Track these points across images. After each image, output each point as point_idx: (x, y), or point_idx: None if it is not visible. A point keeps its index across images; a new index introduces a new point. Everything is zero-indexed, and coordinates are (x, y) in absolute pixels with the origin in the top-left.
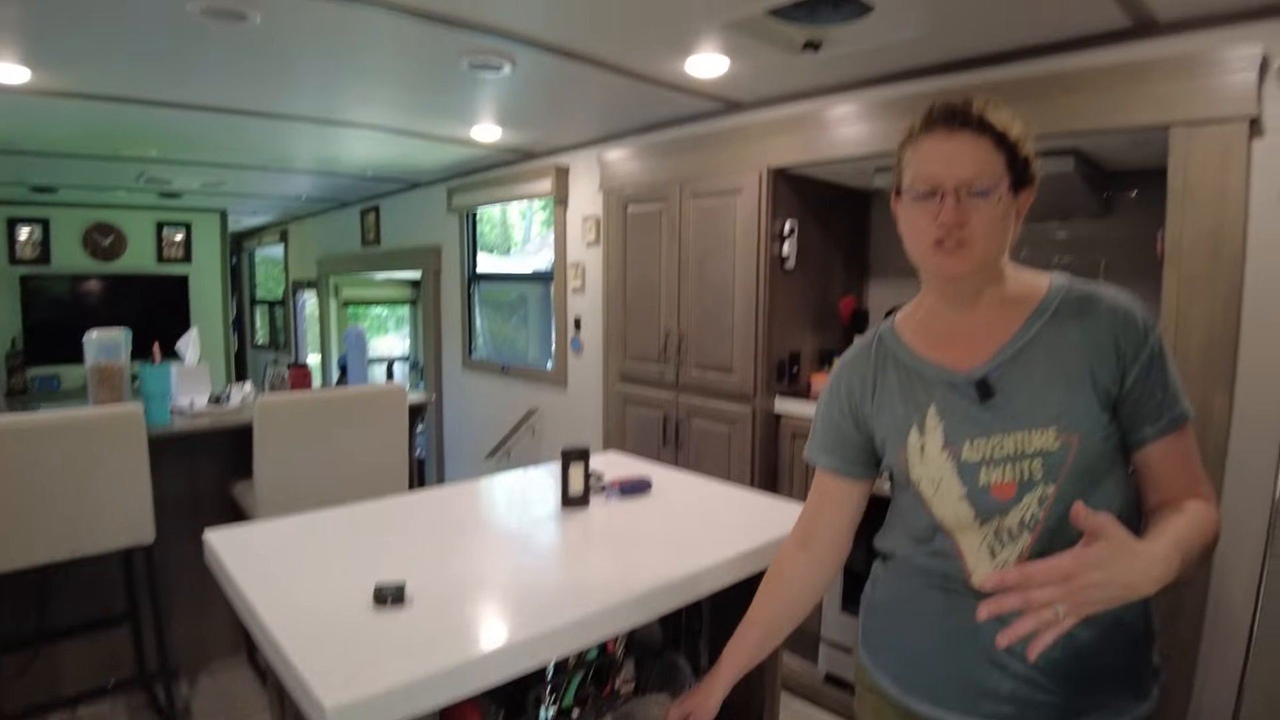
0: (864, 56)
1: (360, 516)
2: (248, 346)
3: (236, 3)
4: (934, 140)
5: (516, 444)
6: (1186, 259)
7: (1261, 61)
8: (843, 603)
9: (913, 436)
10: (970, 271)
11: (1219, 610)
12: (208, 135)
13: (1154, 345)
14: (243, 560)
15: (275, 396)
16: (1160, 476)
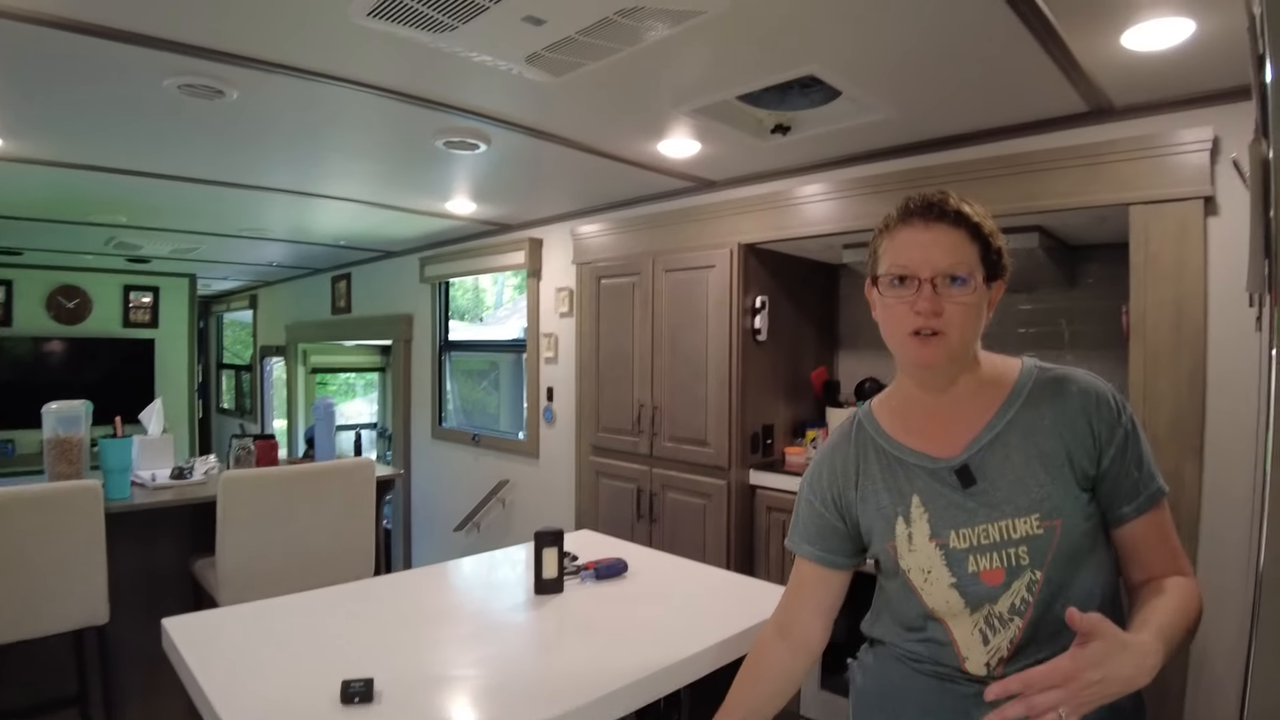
0: (832, 138)
1: (325, 603)
2: (213, 411)
3: (214, 80)
4: (912, 231)
5: (487, 516)
6: (1151, 332)
7: (1213, 143)
8: (821, 680)
9: (899, 526)
10: (946, 360)
11: (1200, 687)
12: (180, 204)
13: (1127, 425)
14: (202, 651)
15: (240, 472)
16: (1140, 553)
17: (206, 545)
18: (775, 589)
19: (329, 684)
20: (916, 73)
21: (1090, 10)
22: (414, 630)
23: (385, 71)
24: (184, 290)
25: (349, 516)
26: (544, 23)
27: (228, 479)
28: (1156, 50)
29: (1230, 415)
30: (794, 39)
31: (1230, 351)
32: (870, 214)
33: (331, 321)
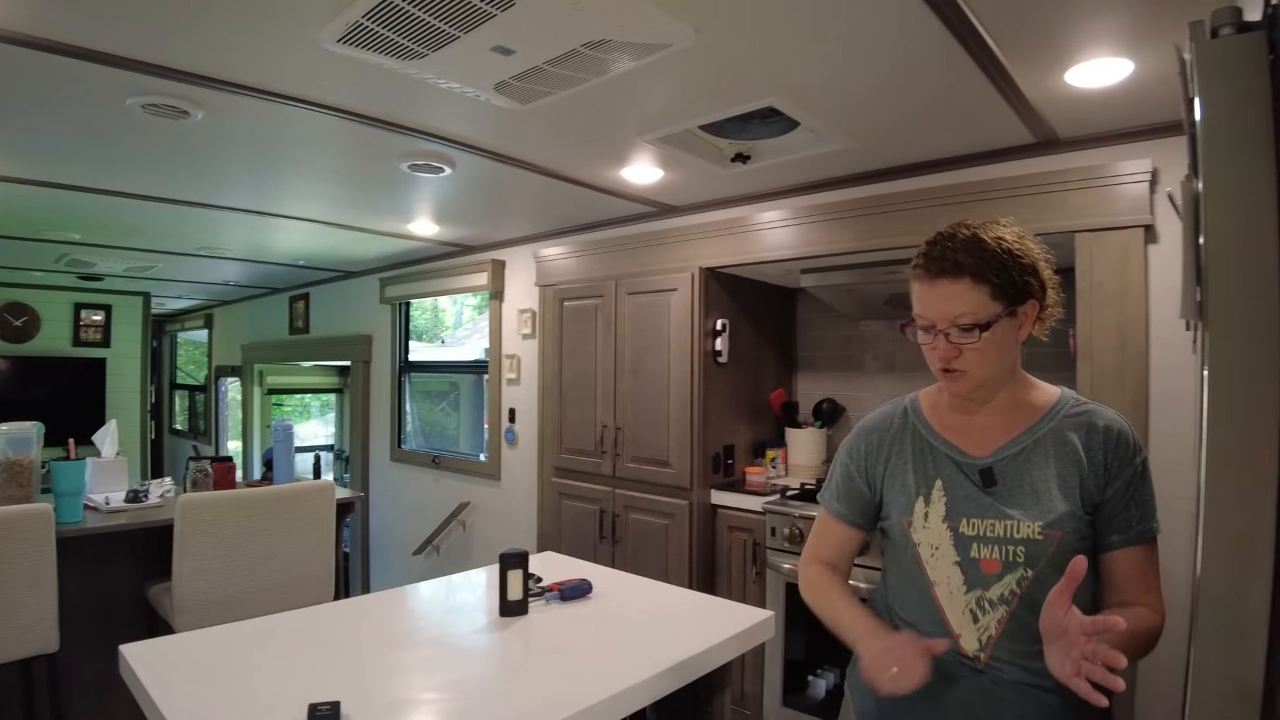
0: (791, 167)
1: (287, 627)
2: (166, 433)
3: (180, 100)
4: (921, 286)
5: (447, 539)
6: (1097, 355)
7: (1152, 175)
8: (784, 697)
9: (919, 505)
10: (972, 390)
11: (1148, 691)
12: (137, 222)
13: (1138, 465)
14: (162, 678)
15: (199, 495)
16: (1118, 580)
17: (162, 570)
18: (739, 607)
19: (295, 709)
20: (873, 106)
21: (1036, 50)
22: (379, 654)
23: (353, 96)
24: (137, 309)
25: (309, 540)
26: (513, 53)
27: (185, 502)
28: (1098, 87)
29: (1172, 435)
30: (755, 73)
31: (1170, 374)
32: (828, 240)
33: (289, 342)
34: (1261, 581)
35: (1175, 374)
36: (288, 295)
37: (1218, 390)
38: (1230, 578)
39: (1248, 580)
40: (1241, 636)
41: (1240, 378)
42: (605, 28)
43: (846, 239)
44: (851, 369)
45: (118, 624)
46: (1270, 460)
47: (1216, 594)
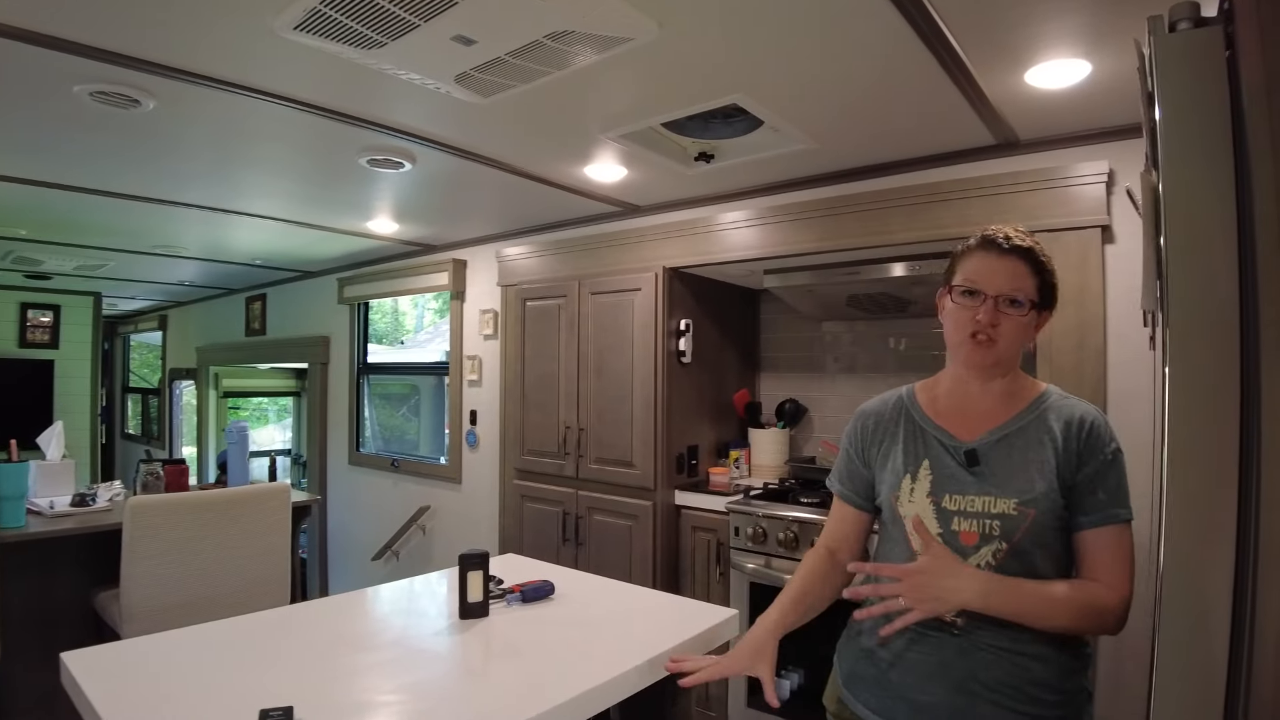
0: (754, 167)
1: (240, 632)
2: (118, 437)
3: (130, 89)
4: (986, 256)
5: (406, 544)
6: (1057, 354)
7: (1109, 176)
8: (748, 698)
9: (906, 481)
10: (993, 365)
11: (1113, 686)
12: (88, 218)
13: (1108, 454)
14: (106, 686)
15: (148, 497)
16: (1085, 560)
17: (110, 577)
18: (702, 606)
19: (246, 715)
20: (836, 105)
21: (997, 49)
22: (334, 658)
23: (311, 87)
24: (88, 309)
25: (264, 544)
26: (474, 43)
27: (135, 505)
28: (1057, 88)
29: (1130, 430)
30: (719, 70)
31: (1128, 370)
32: (790, 240)
33: (245, 344)
34: (1222, 571)
35: (1132, 371)
36: (244, 296)
37: (1178, 386)
38: (1192, 568)
39: (1209, 571)
40: (1204, 624)
41: (1200, 374)
42: (568, 19)
43: (809, 239)
44: (813, 370)
45: (63, 633)
46: (1229, 453)
47: (1178, 585)
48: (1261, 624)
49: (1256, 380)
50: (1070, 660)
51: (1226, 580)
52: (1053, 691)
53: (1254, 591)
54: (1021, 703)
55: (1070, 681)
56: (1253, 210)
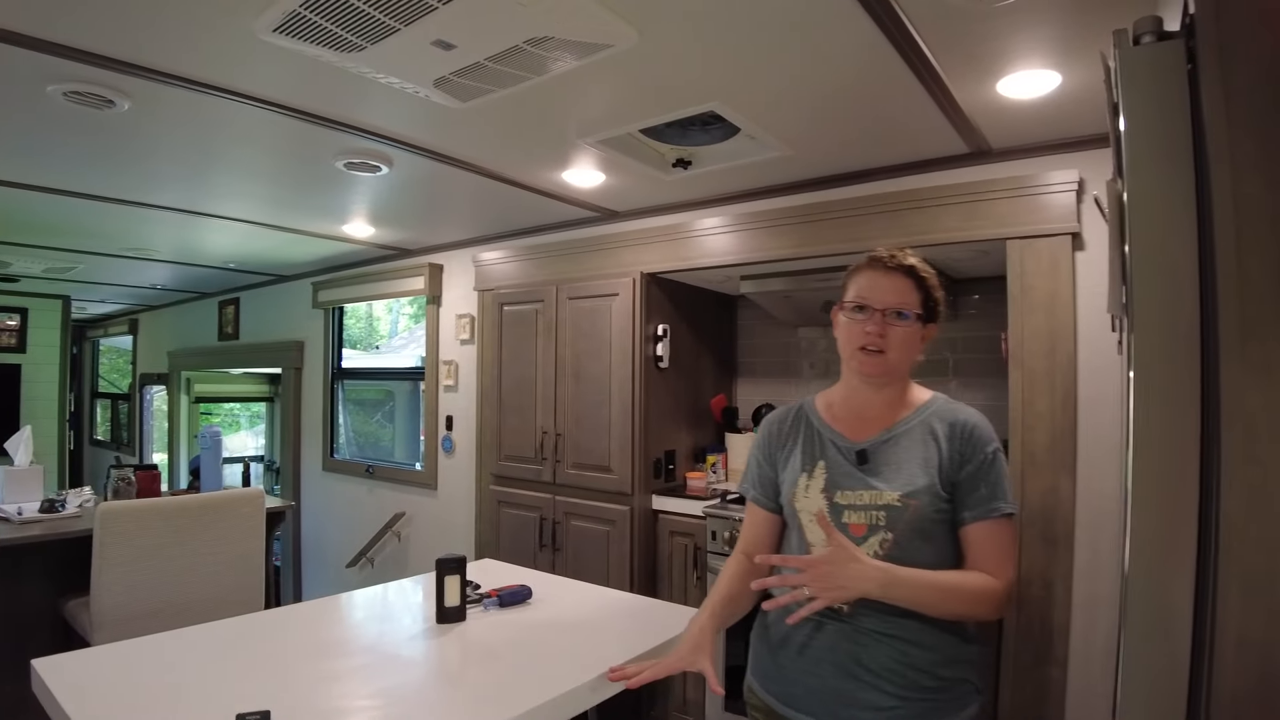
0: (731, 174)
1: (214, 638)
2: (86, 443)
3: (105, 89)
4: (874, 274)
5: (381, 551)
6: (1028, 359)
7: (1079, 185)
8: (725, 702)
9: (802, 479)
10: (883, 374)
11: (1079, 684)
12: (58, 219)
13: (988, 454)
14: (78, 693)
15: (119, 503)
16: (970, 551)
17: (80, 584)
18: (679, 609)
19: None
20: (813, 113)
21: (970, 59)
22: (311, 663)
23: (288, 89)
24: (56, 313)
25: (237, 551)
26: (454, 48)
27: (105, 510)
28: (1028, 98)
29: (1100, 435)
30: (697, 77)
31: (1098, 375)
32: (767, 247)
33: (218, 348)
34: (1184, 575)
35: (1102, 376)
36: (217, 300)
37: (1142, 391)
38: (1155, 572)
39: (1172, 574)
40: (1167, 628)
41: (1163, 379)
42: (548, 25)
43: (785, 246)
44: (789, 375)
45: (31, 642)
46: (1191, 457)
47: (1142, 588)
48: (1222, 624)
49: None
50: (950, 649)
51: (1188, 585)
52: (931, 677)
53: (1214, 593)
54: (901, 687)
55: (950, 670)
56: (1212, 216)
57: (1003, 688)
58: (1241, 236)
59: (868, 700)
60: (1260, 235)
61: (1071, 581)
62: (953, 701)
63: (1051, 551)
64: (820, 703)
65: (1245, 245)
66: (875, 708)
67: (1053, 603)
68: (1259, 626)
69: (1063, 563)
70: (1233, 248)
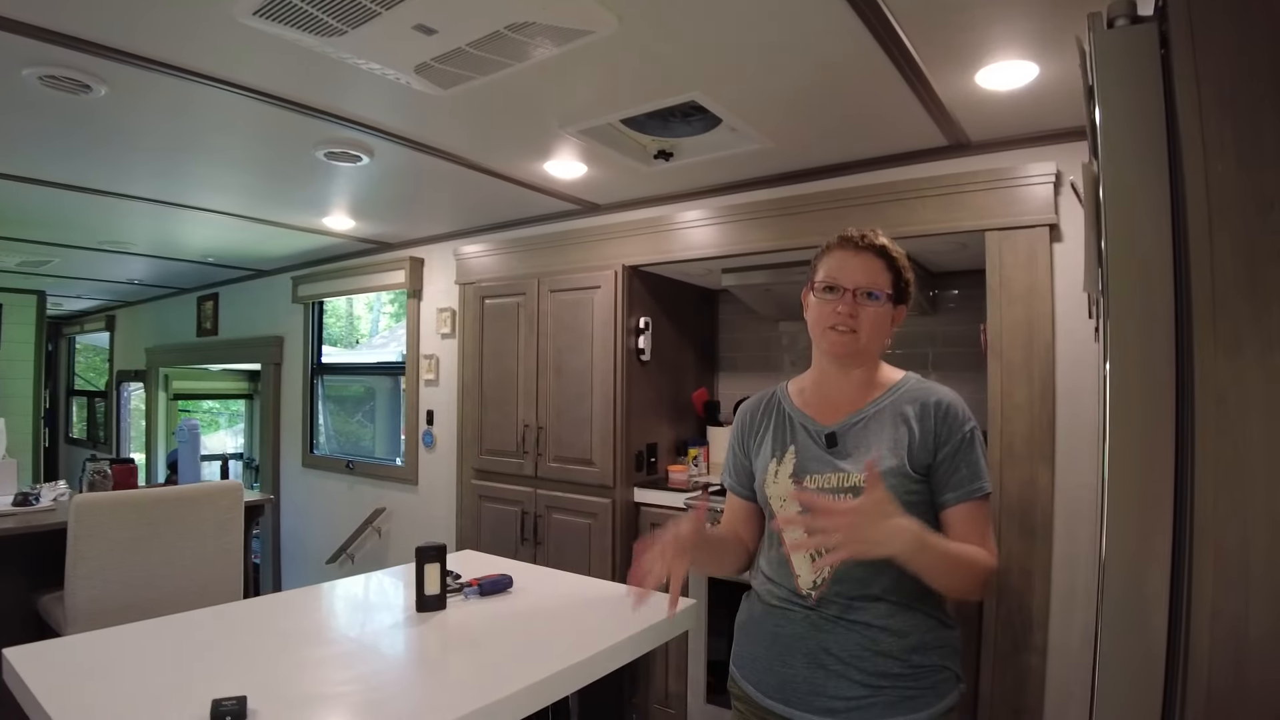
0: (713, 166)
1: (191, 627)
2: (61, 441)
3: (82, 73)
4: (844, 253)
5: (361, 547)
6: (1007, 350)
7: (1056, 177)
8: (707, 694)
9: (772, 465)
10: (854, 354)
11: (1058, 671)
12: (32, 210)
13: (965, 433)
14: (52, 682)
15: (94, 495)
16: (955, 534)
17: (54, 579)
18: (660, 597)
19: (198, 707)
20: (793, 104)
21: (948, 50)
22: (289, 651)
23: (268, 76)
24: (31, 309)
25: (215, 545)
26: (435, 32)
27: (80, 503)
28: (1006, 90)
29: (1077, 424)
30: (677, 66)
31: (1076, 367)
32: (747, 239)
33: (197, 344)
34: (1160, 566)
35: (1080, 367)
36: (195, 295)
37: (1118, 370)
38: (1132, 563)
39: (1148, 565)
40: (1144, 619)
41: (1138, 357)
42: (529, 10)
43: (765, 238)
44: (770, 369)
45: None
46: (1166, 448)
47: (1119, 579)
48: (1197, 598)
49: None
50: (924, 634)
51: (1164, 575)
52: (901, 664)
53: (1190, 569)
54: (870, 675)
55: (924, 656)
56: (1185, 197)
57: (982, 676)
58: (1213, 216)
59: (836, 690)
60: (1231, 214)
61: (1050, 571)
62: (930, 690)
63: (1030, 542)
64: (794, 692)
65: (1217, 224)
66: (844, 697)
67: (1032, 592)
68: (1233, 599)
69: (1041, 553)
70: (1205, 227)
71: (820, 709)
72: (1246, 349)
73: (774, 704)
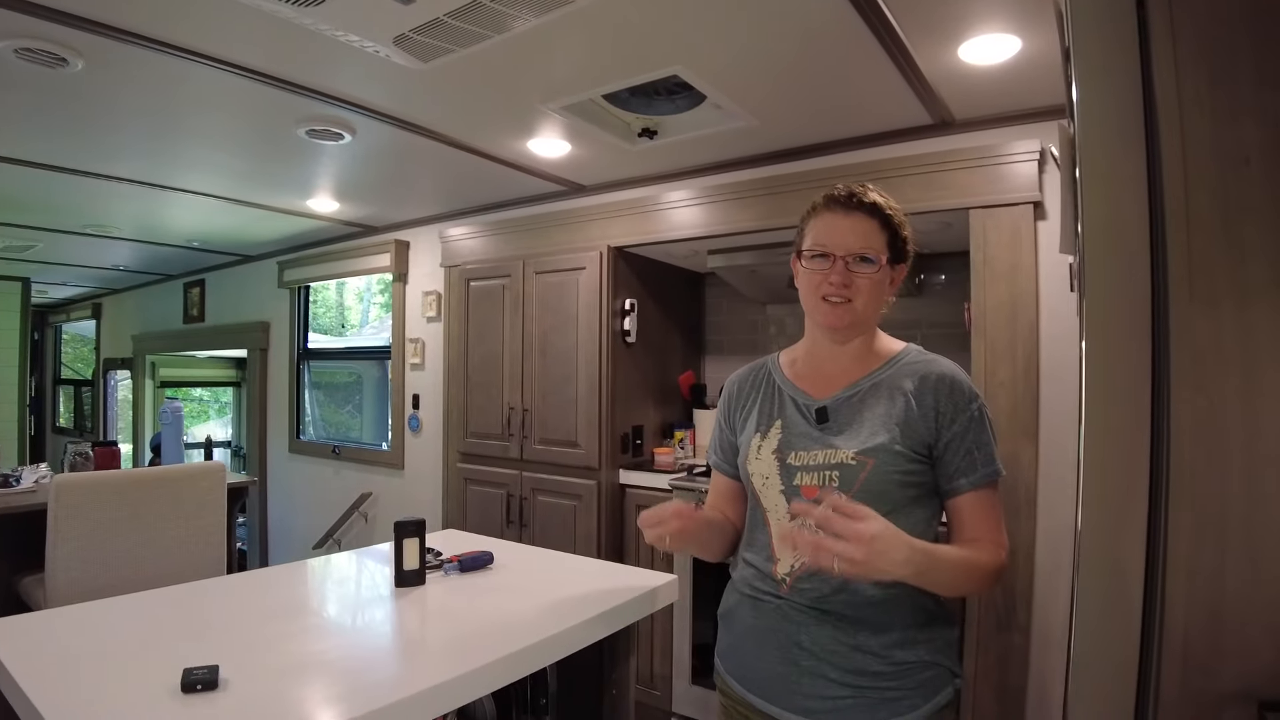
0: (697, 144)
1: (166, 602)
2: (48, 430)
3: (57, 46)
4: (832, 216)
5: (348, 532)
6: (990, 328)
7: (1040, 154)
8: (692, 676)
9: (756, 440)
10: (850, 325)
11: (1045, 646)
12: (13, 192)
13: (974, 411)
14: (23, 654)
15: (75, 475)
16: (966, 522)
17: (35, 561)
18: (642, 572)
19: (170, 676)
20: (776, 79)
21: (931, 23)
22: (264, 624)
23: (247, 49)
24: (16, 295)
25: (197, 526)
26: (413, 1)
27: (60, 483)
28: (989, 64)
29: (1061, 402)
30: (658, 38)
31: (1059, 343)
32: (732, 220)
33: (183, 331)
34: (1135, 537)
35: (1064, 344)
36: (182, 282)
37: (1093, 343)
38: (1107, 534)
39: (1123, 536)
40: (1119, 590)
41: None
42: None
43: (750, 218)
44: (757, 352)
45: None
46: (1141, 421)
47: (1094, 550)
48: (1173, 567)
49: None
50: (910, 630)
51: (1139, 547)
52: (883, 661)
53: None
54: (847, 672)
55: (909, 652)
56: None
57: (966, 656)
58: (1189, 170)
59: (812, 688)
60: (1207, 170)
61: (1034, 549)
62: (916, 690)
63: (1014, 519)
64: (772, 689)
65: (1193, 179)
66: (821, 696)
67: (1016, 570)
68: (1209, 555)
69: (1025, 530)
70: (1181, 182)
71: (799, 708)
72: (1223, 304)
73: (756, 699)
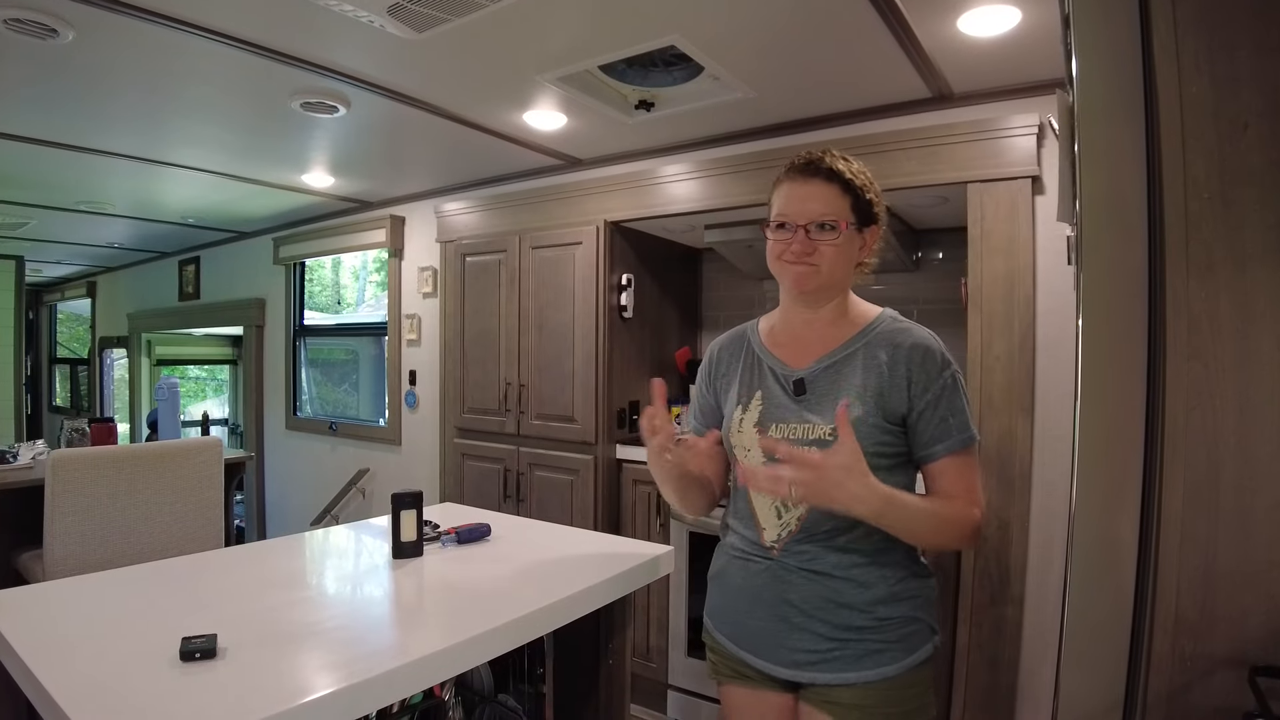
0: (694, 117)
1: (164, 573)
2: (44, 410)
3: (46, 15)
4: (792, 185)
5: (345, 508)
6: (987, 303)
7: (1039, 128)
8: (688, 649)
9: (738, 412)
10: (817, 288)
11: (1039, 618)
12: (6, 169)
13: (947, 379)
14: (24, 623)
15: (72, 451)
16: (945, 486)
17: (33, 537)
18: (637, 543)
19: (169, 646)
20: (773, 50)
21: None
22: (262, 595)
23: (241, 18)
24: (10, 273)
25: (194, 500)
26: None
27: (57, 458)
28: (988, 36)
29: (1057, 377)
30: (656, 6)
31: (1056, 317)
32: (731, 194)
33: (179, 309)
34: (1129, 515)
35: (1060, 318)
36: (177, 259)
37: (1090, 307)
38: (1102, 512)
39: (1117, 514)
40: (1112, 565)
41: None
42: None
43: (747, 192)
44: None
45: None
46: (1136, 400)
47: (1089, 527)
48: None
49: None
50: (892, 585)
51: (1133, 524)
52: (866, 616)
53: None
54: (833, 627)
55: (891, 608)
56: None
57: (959, 627)
58: (1187, 137)
59: (799, 643)
60: (1205, 135)
61: (1028, 522)
62: (898, 643)
63: (1009, 493)
64: (761, 644)
65: (1190, 145)
66: (808, 650)
67: (1009, 543)
68: (1202, 524)
69: (1020, 504)
70: (1178, 147)
71: (786, 661)
72: (1219, 270)
73: (745, 654)
